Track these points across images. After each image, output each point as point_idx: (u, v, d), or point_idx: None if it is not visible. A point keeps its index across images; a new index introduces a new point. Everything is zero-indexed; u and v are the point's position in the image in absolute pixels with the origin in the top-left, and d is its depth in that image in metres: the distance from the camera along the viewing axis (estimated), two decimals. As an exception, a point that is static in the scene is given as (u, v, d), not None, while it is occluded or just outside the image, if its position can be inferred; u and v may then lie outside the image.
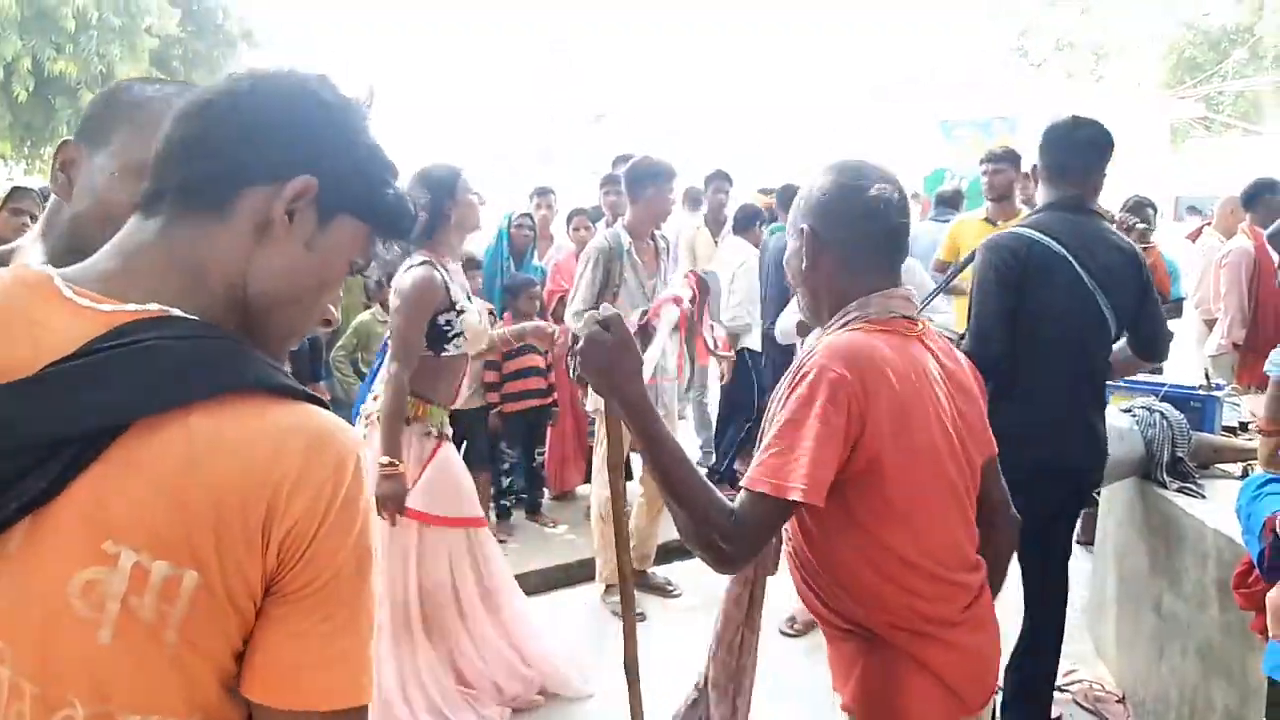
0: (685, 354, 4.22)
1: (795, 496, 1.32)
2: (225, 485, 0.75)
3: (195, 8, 13.56)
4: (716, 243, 5.80)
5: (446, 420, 3.12)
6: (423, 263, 2.90)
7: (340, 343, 4.60)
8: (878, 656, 1.47)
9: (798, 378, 1.42)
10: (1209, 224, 5.73)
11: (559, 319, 5.05)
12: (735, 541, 1.36)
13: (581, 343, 1.44)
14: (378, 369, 3.13)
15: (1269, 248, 4.65)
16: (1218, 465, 3.10)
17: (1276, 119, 26.16)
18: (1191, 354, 5.09)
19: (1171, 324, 4.94)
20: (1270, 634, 1.84)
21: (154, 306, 0.79)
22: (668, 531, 4.60)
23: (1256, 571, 1.95)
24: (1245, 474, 2.81)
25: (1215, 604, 2.53)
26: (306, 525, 0.77)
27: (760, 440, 1.46)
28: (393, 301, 2.94)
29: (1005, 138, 13.06)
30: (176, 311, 0.80)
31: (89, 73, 10.06)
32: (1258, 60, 24.95)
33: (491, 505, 4.85)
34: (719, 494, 1.40)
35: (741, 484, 1.40)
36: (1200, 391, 3.30)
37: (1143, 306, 2.62)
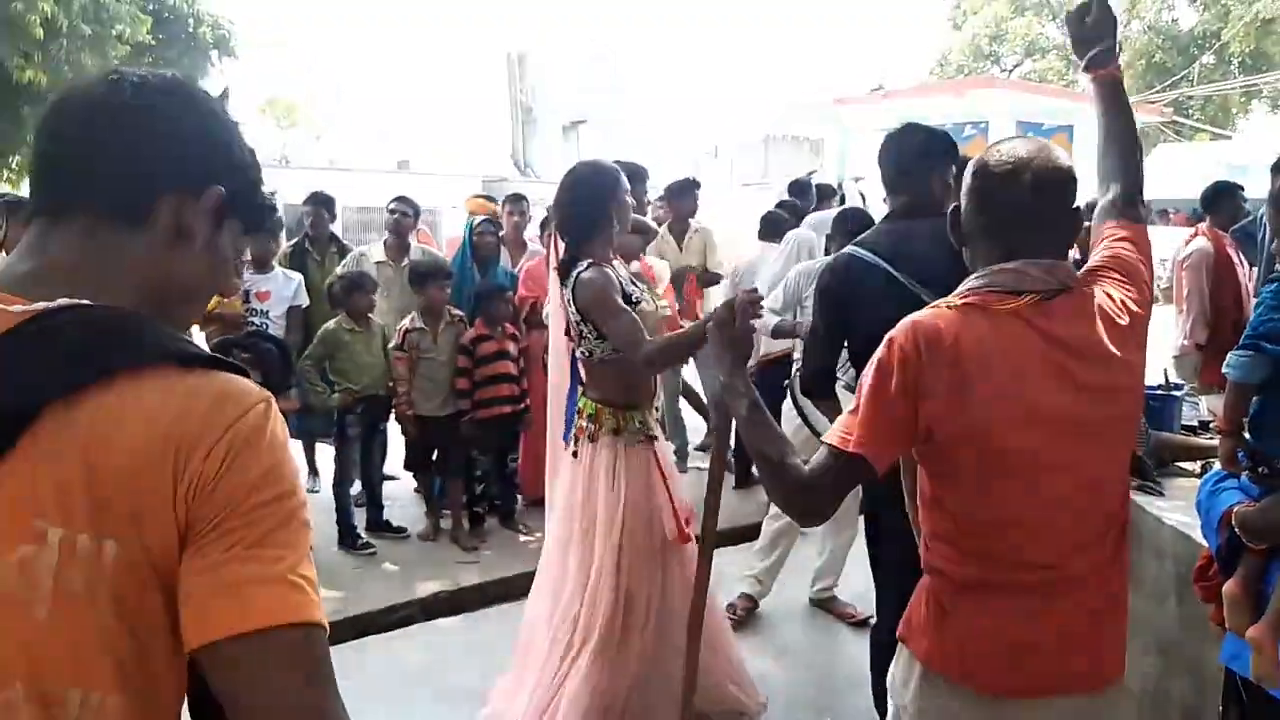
0: None
1: (849, 448, 1.47)
2: (136, 453, 0.78)
3: (167, 16, 13.47)
4: (681, 247, 5.87)
5: (651, 418, 2.98)
6: (589, 265, 2.80)
7: (308, 352, 4.57)
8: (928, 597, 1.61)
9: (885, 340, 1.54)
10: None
11: (531, 324, 5.08)
12: (809, 492, 1.52)
13: (718, 322, 1.80)
14: (573, 394, 3.07)
15: (1229, 248, 4.75)
16: (1176, 464, 3.14)
17: (1244, 122, 26.58)
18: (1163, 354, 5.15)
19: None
20: (1227, 624, 1.88)
21: (63, 300, 0.81)
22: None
23: (1215, 565, 1.98)
24: (1204, 472, 2.85)
25: (1174, 599, 2.57)
26: (208, 470, 0.79)
27: None
28: (593, 312, 2.77)
29: (979, 142, 13.19)
30: (84, 301, 0.82)
31: (59, 81, 9.97)
32: (1224, 65, 25.37)
33: (464, 513, 4.84)
34: (797, 455, 1.55)
35: (823, 437, 1.56)
36: (1160, 391, 3.34)
37: None
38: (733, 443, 5.76)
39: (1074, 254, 1.90)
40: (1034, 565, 1.51)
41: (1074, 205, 1.57)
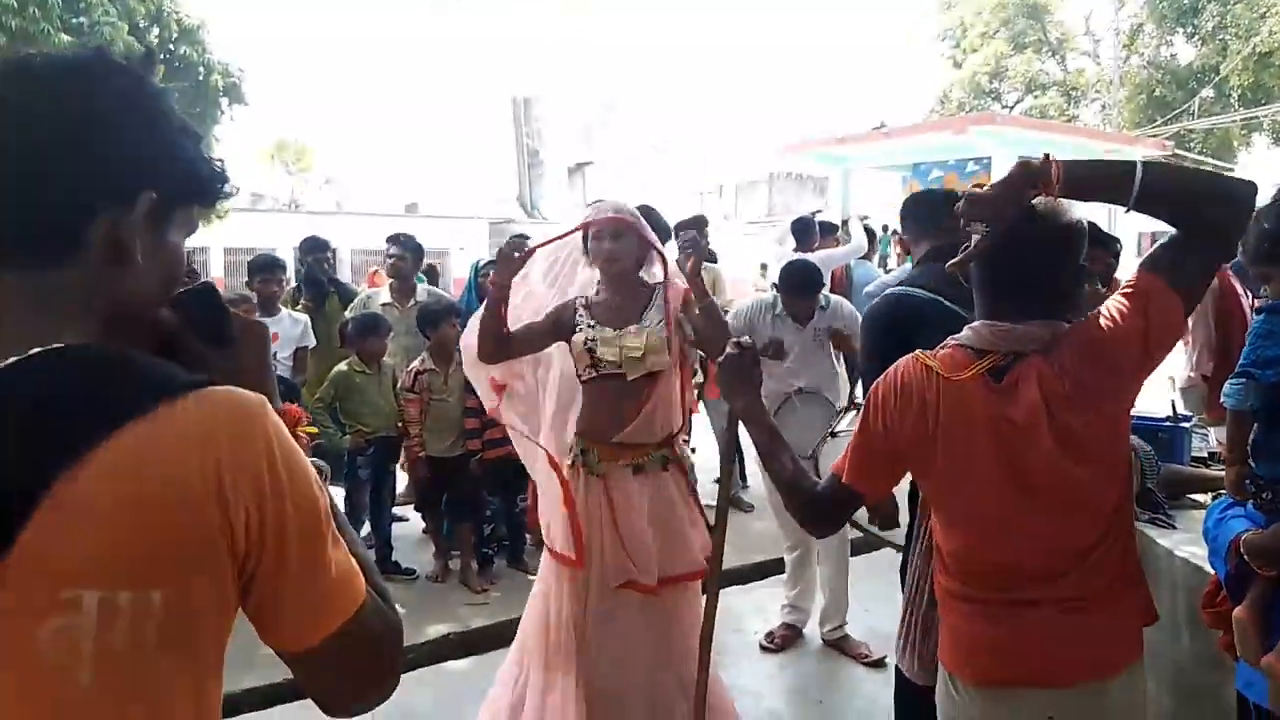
0: None
1: (843, 478, 1.68)
2: (171, 496, 0.77)
3: (178, 64, 13.73)
4: None
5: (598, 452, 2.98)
6: None
7: (319, 394, 4.61)
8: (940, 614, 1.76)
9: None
10: None
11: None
12: (814, 509, 1.75)
13: (722, 360, 1.92)
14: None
15: (1234, 280, 4.75)
16: (1188, 495, 3.13)
17: (1245, 155, 26.71)
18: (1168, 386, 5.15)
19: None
20: (1237, 651, 1.87)
21: (34, 352, 0.78)
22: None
23: (1223, 592, 1.98)
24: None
25: (1186, 633, 2.55)
26: (260, 499, 0.80)
27: None
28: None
29: (982, 178, 13.28)
30: (55, 345, 0.79)
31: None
32: (1224, 99, 25.55)
33: (473, 554, 4.83)
34: (807, 476, 1.78)
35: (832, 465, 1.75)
36: (1168, 423, 3.34)
37: None
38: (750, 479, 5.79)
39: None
40: (1011, 591, 1.61)
41: (1069, 263, 1.60)
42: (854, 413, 3.49)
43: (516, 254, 2.86)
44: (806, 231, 6.68)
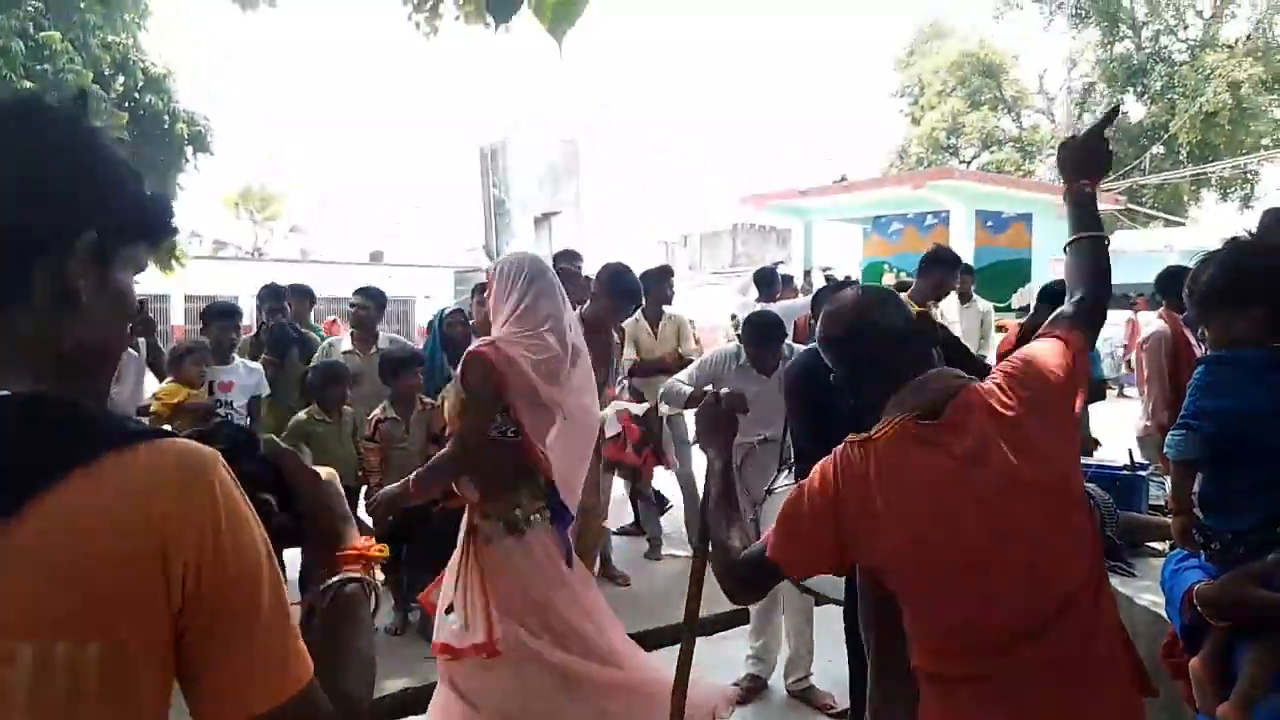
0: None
1: (768, 553, 1.64)
2: (112, 548, 0.76)
3: (143, 113, 13.68)
4: (655, 333, 5.94)
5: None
6: None
7: (278, 443, 4.53)
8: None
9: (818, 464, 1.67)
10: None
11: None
12: (732, 576, 1.73)
13: (701, 409, 2.02)
14: None
15: (1186, 331, 4.87)
16: (1146, 544, 3.16)
17: (1195, 209, 27.53)
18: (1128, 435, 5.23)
19: (1097, 406, 5.14)
20: (1197, 703, 1.88)
21: None
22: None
23: (1181, 643, 1.99)
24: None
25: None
26: (201, 556, 0.79)
27: None
28: None
29: (940, 231, 13.54)
30: (3, 392, 0.78)
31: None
32: (1174, 155, 26.39)
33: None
34: (735, 542, 1.76)
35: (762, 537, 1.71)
36: (1125, 472, 3.38)
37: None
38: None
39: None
40: (984, 660, 1.55)
41: (906, 320, 1.72)
42: (788, 471, 3.52)
43: None
44: (769, 282, 6.77)
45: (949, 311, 7.69)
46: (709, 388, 2.06)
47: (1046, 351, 1.67)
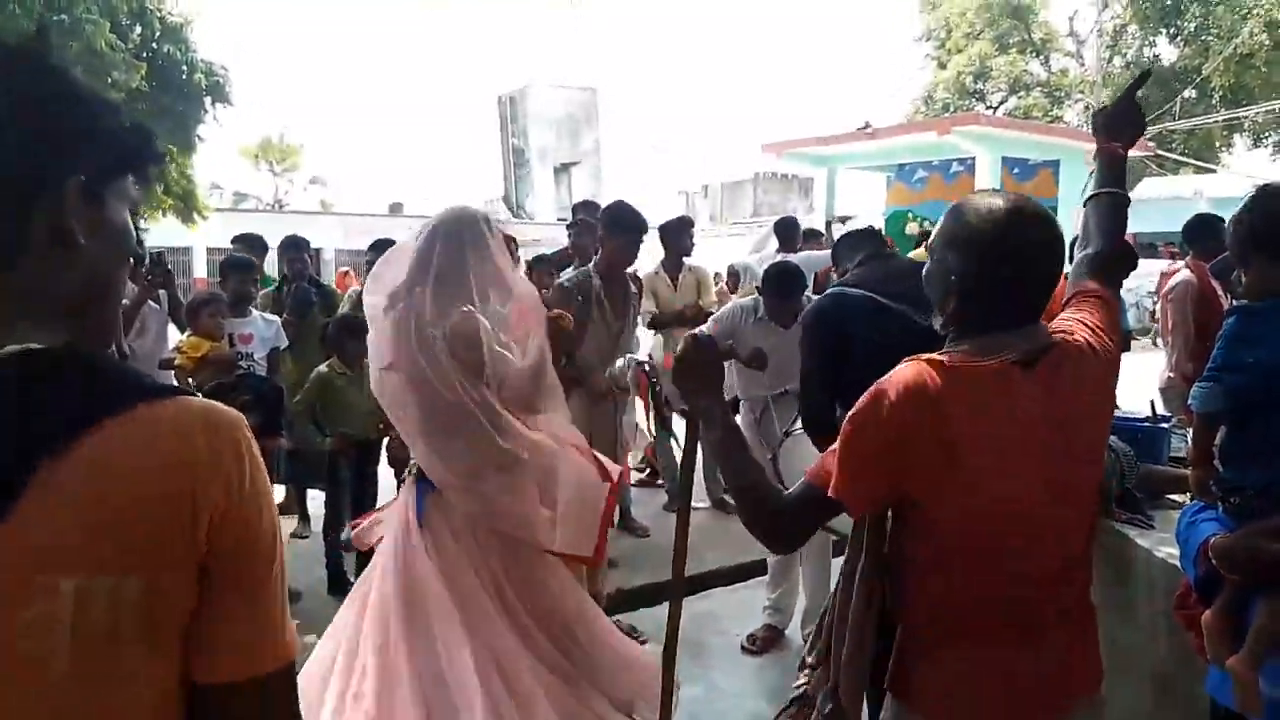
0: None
1: (827, 491, 1.49)
2: (146, 490, 0.79)
3: (161, 63, 13.65)
4: (675, 285, 5.92)
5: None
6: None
7: (299, 396, 4.58)
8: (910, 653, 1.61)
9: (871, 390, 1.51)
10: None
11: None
12: (780, 519, 1.57)
13: (678, 356, 1.77)
14: None
15: (1213, 281, 4.79)
16: (1166, 496, 3.15)
17: (1227, 155, 26.95)
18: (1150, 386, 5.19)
19: (1124, 359, 5.08)
20: (1208, 655, 1.88)
21: (11, 349, 0.80)
22: (634, 579, 4.61)
23: (1195, 594, 1.99)
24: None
25: (1164, 633, 2.56)
26: (227, 505, 0.83)
27: None
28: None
29: (964, 179, 13.34)
30: (34, 345, 0.81)
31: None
32: (1206, 99, 25.76)
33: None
34: (768, 483, 1.61)
35: (804, 472, 1.57)
36: (1147, 423, 3.35)
37: None
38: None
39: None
40: (1023, 608, 1.53)
41: (1057, 271, 1.56)
42: None
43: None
44: (790, 233, 6.70)
45: None
46: (702, 330, 2.00)
47: (1107, 316, 1.65)
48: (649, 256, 5.49)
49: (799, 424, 3.13)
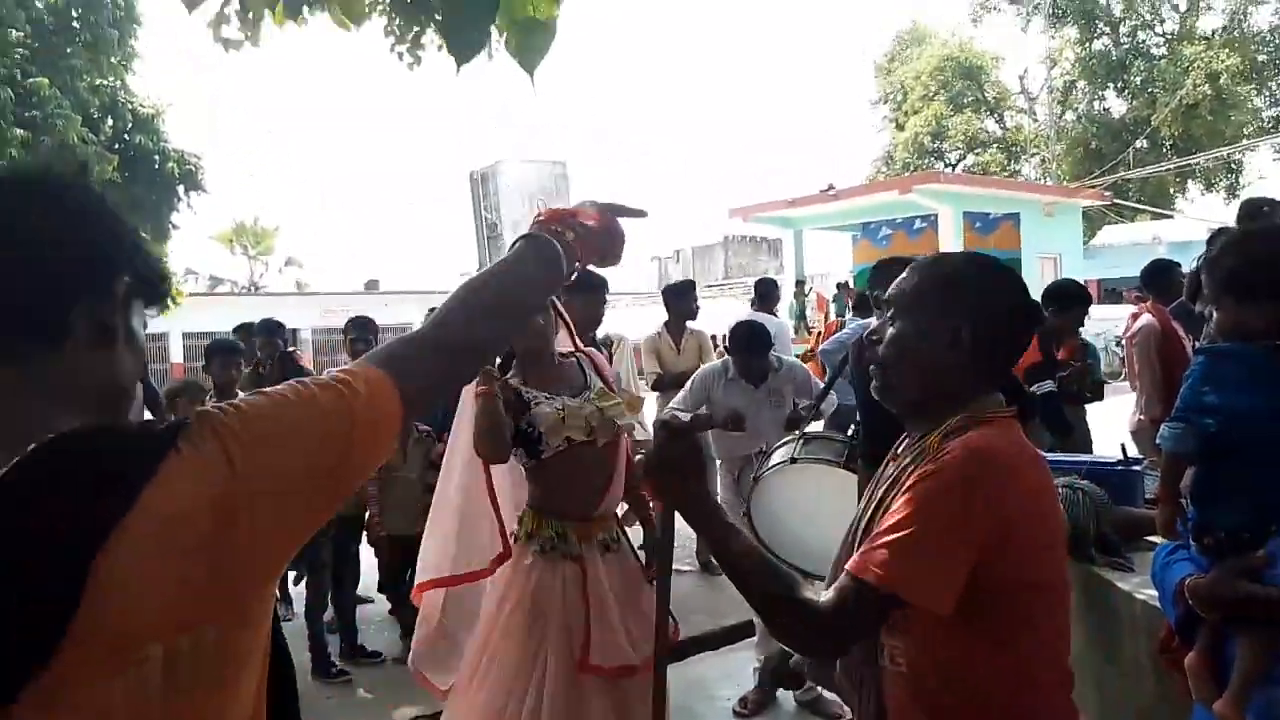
0: None
1: (912, 598, 1.30)
2: (191, 541, 0.82)
3: (133, 154, 13.73)
4: (678, 348, 5.97)
5: (576, 533, 2.82)
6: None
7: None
8: None
9: (928, 469, 1.38)
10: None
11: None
12: (833, 632, 1.36)
13: (652, 450, 1.52)
14: None
15: (1175, 323, 4.90)
16: (1143, 537, 3.18)
17: (1182, 201, 27.68)
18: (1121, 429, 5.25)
19: (1096, 406, 5.16)
20: (1194, 697, 1.89)
21: (38, 447, 0.82)
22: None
23: (1177, 636, 2.00)
24: (1169, 544, 2.89)
25: (1150, 675, 2.57)
26: (249, 529, 0.86)
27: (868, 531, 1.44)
28: None
29: (929, 234, 13.61)
30: (61, 433, 0.83)
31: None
32: (1157, 149, 26.54)
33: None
34: (799, 584, 1.38)
35: (847, 567, 1.36)
36: (1119, 466, 3.40)
37: None
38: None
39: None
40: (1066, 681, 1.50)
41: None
42: (791, 444, 3.47)
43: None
44: (769, 291, 6.86)
45: None
46: (703, 409, 1.98)
47: None
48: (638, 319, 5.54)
49: (775, 459, 3.14)
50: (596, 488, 2.83)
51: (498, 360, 2.89)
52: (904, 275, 1.59)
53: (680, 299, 6.11)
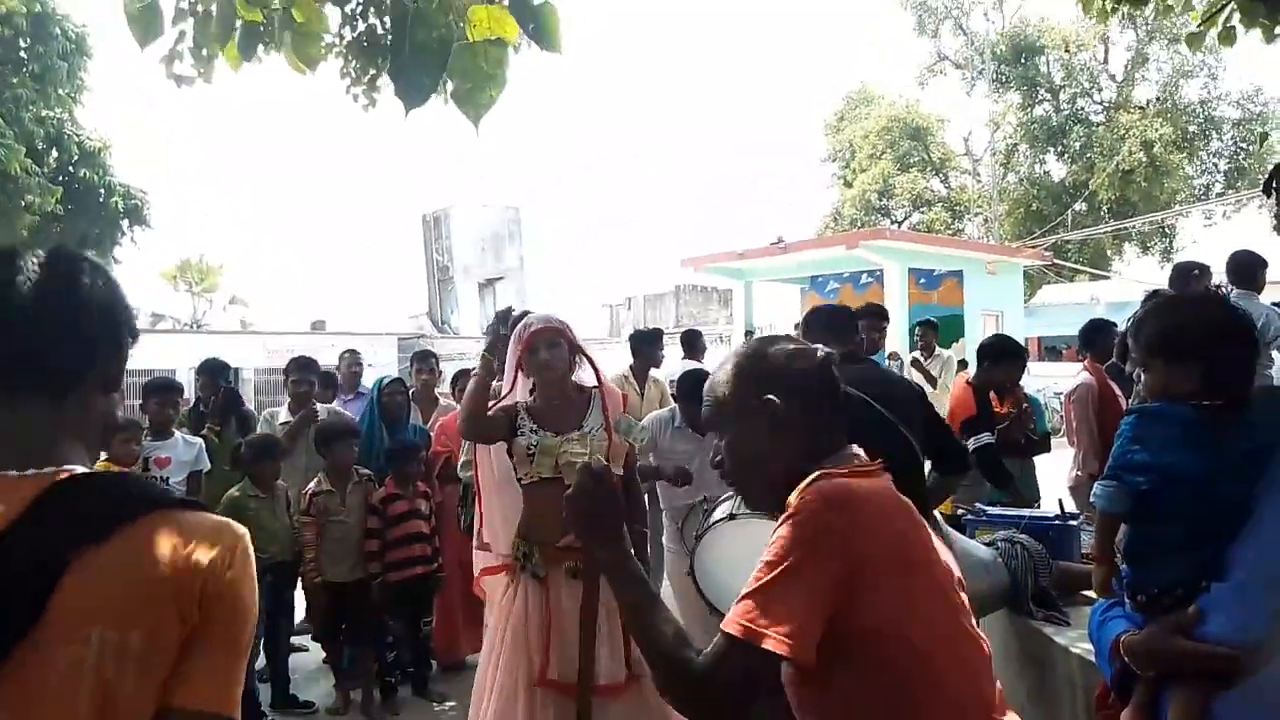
0: None
1: (770, 645, 1.25)
2: (158, 571, 1.03)
3: (77, 186, 13.50)
4: (641, 393, 5.98)
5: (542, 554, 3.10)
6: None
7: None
8: None
9: (783, 519, 1.36)
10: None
11: (444, 480, 5.03)
12: (705, 690, 1.30)
13: (570, 493, 1.52)
14: None
15: (1110, 382, 5.03)
16: (1080, 592, 3.22)
17: (1119, 263, 28.60)
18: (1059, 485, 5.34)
19: (1042, 459, 5.26)
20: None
21: (68, 471, 1.07)
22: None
23: (1113, 692, 2.01)
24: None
25: (1087, 730, 2.59)
26: (218, 591, 1.06)
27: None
28: None
29: (875, 290, 13.85)
30: (78, 469, 1.08)
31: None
32: (1095, 212, 27.46)
33: (375, 683, 4.61)
34: (687, 643, 1.35)
35: (720, 625, 1.33)
36: (1057, 521, 3.45)
37: (929, 427, 3.07)
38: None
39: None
40: None
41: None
42: (731, 499, 3.48)
43: (502, 330, 3.16)
44: (693, 343, 6.98)
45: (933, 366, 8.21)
46: (650, 458, 1.98)
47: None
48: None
49: (719, 511, 3.13)
50: (561, 521, 3.04)
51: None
52: (703, 402, 1.60)
53: (649, 345, 6.15)
